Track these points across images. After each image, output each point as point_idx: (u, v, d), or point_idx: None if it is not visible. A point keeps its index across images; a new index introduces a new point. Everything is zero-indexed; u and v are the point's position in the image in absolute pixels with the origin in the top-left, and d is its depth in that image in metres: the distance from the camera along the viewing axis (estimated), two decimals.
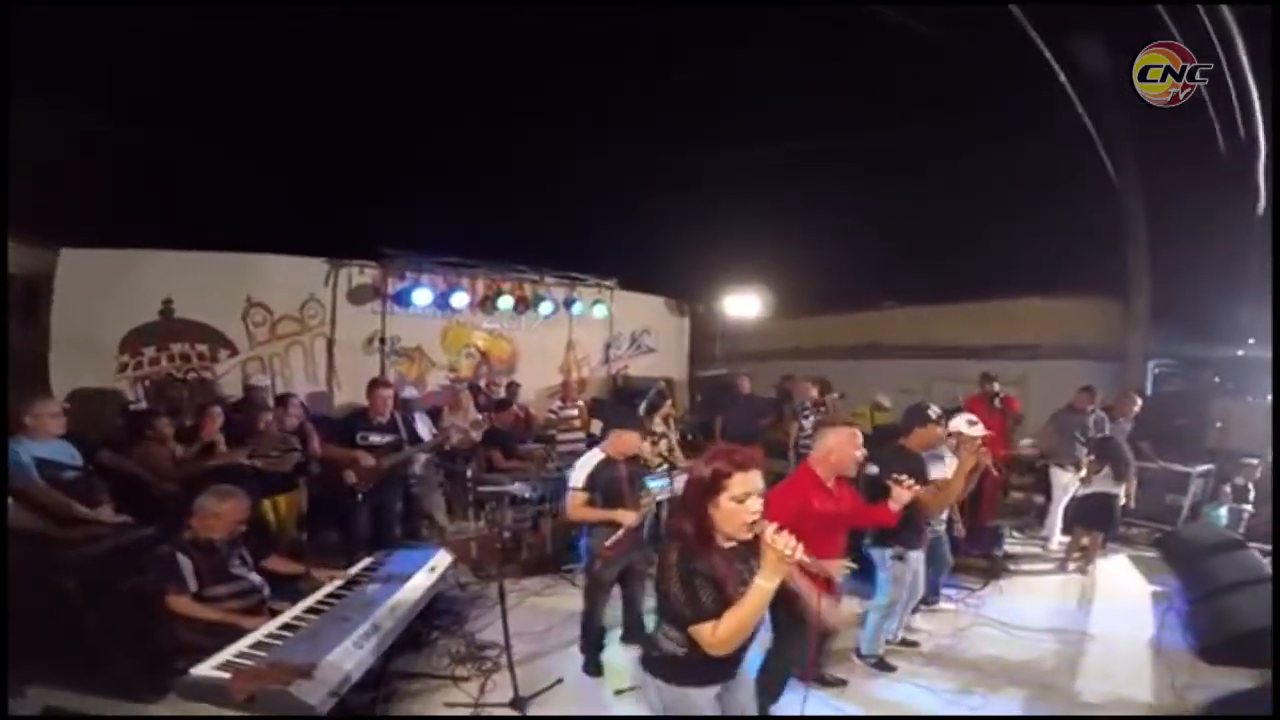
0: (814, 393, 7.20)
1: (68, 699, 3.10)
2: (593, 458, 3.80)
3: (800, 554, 1.74)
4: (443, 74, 8.17)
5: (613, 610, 4.09)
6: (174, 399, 6.01)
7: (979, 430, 4.10)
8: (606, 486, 3.71)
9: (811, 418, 6.69)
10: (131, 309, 6.94)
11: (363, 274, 8.26)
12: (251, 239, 7.61)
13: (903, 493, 3.15)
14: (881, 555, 3.80)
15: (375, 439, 4.96)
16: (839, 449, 3.15)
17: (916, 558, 3.86)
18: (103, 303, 6.77)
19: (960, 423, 4.24)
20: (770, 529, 1.78)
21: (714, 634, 1.81)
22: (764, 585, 1.78)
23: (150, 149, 7.55)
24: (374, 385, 5.22)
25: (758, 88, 8.32)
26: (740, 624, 1.80)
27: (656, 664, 2.02)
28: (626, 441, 3.82)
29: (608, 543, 3.65)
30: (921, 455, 3.84)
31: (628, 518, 3.64)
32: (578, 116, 8.73)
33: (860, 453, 3.23)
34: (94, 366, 6.64)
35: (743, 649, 2.03)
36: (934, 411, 3.90)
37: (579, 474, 3.75)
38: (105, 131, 7.56)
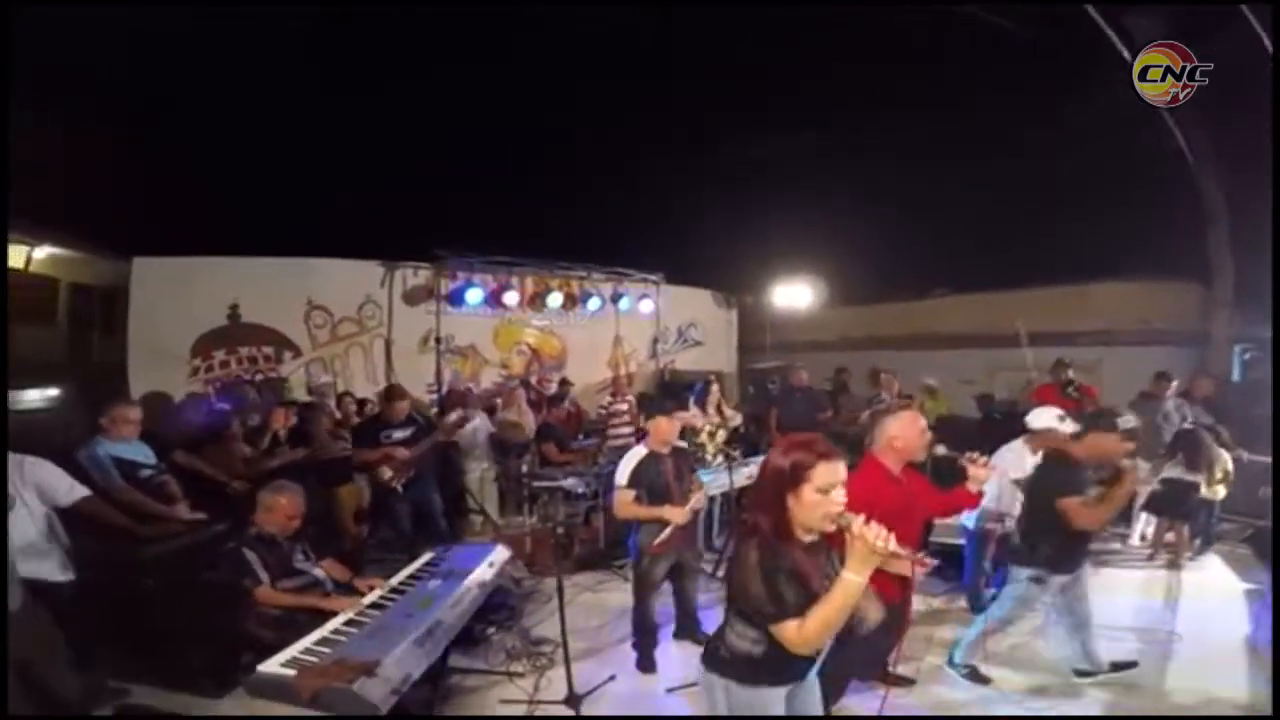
0: (896, 386, 6.91)
1: (140, 694, 3.26)
2: (636, 454, 3.76)
3: (894, 544, 1.64)
4: (486, 76, 8.26)
5: (665, 606, 4.05)
6: (242, 399, 6.27)
7: (1069, 426, 3.80)
8: (652, 482, 3.67)
9: None
10: (201, 314, 7.29)
11: (417, 275, 8.46)
12: (310, 243, 7.87)
13: (980, 471, 2.95)
14: (1018, 574, 3.49)
15: (397, 434, 5.09)
16: (903, 434, 2.96)
17: (1059, 583, 3.45)
18: (175, 308, 7.14)
19: (1049, 418, 3.96)
20: (858, 520, 1.69)
21: (799, 631, 1.73)
22: (853, 579, 1.68)
23: (213, 158, 7.92)
24: (393, 395, 5.31)
25: (805, 73, 8.11)
26: (827, 620, 1.72)
27: (726, 664, 1.93)
28: (661, 429, 3.75)
29: (656, 540, 3.61)
30: (1086, 469, 3.37)
31: (675, 515, 3.59)
32: (620, 111, 8.69)
33: (926, 435, 3.04)
34: (168, 370, 6.98)
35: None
36: (1126, 421, 3.35)
37: (623, 471, 3.72)
38: (171, 143, 7.96)
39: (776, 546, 1.80)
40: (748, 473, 5.21)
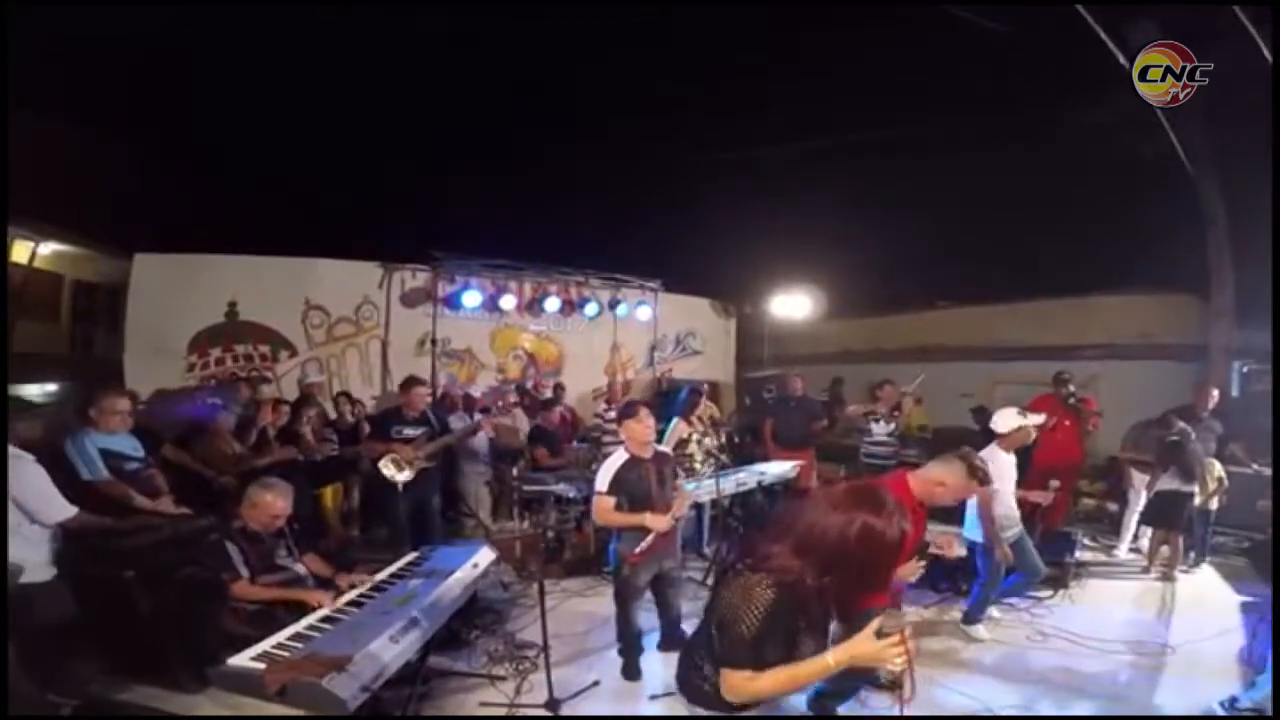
0: (911, 401, 6.72)
1: (115, 689, 3.21)
2: (616, 459, 3.63)
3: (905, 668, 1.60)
4: (487, 81, 8.31)
5: (650, 611, 3.98)
6: (234, 397, 6.26)
7: (1035, 421, 3.90)
8: (632, 488, 3.54)
9: (882, 423, 6.23)
10: (199, 311, 7.28)
11: (414, 278, 8.44)
12: (310, 243, 7.90)
13: (912, 566, 2.76)
14: None
15: (409, 432, 5.06)
16: (948, 489, 2.90)
17: None
18: (173, 305, 7.13)
19: (1014, 418, 4.05)
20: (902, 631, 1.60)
21: (750, 683, 1.60)
22: (830, 663, 1.61)
23: (215, 159, 7.99)
24: (410, 384, 5.27)
25: (805, 81, 8.15)
26: (783, 688, 1.63)
27: (710, 699, 1.76)
28: (632, 431, 3.62)
29: (636, 549, 3.49)
30: None
31: (656, 522, 3.46)
32: (620, 118, 8.73)
33: (948, 494, 2.95)
34: (164, 366, 6.97)
35: None
36: None
37: (602, 476, 3.60)
38: (176, 144, 8.02)
39: (814, 602, 1.64)
40: (737, 479, 5.18)
